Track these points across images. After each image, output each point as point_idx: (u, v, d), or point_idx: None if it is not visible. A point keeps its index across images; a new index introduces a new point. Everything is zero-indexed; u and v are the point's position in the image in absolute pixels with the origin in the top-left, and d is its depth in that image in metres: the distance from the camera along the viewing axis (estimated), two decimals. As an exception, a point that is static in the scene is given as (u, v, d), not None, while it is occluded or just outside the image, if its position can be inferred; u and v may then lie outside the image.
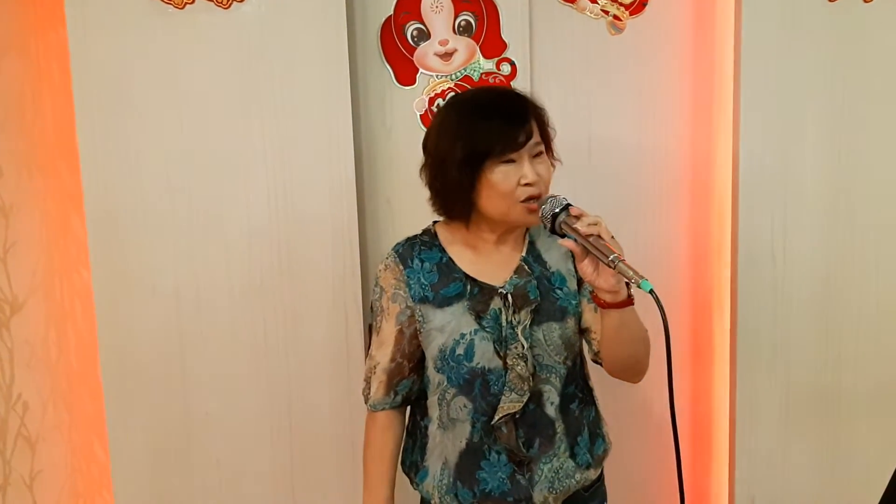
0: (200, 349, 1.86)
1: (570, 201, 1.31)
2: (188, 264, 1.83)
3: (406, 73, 1.90)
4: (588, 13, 1.94)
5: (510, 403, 1.38)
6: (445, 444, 1.44)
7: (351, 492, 1.90)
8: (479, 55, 1.90)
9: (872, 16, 1.86)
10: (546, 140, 1.39)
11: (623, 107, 1.98)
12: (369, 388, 1.48)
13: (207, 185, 1.81)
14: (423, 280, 1.41)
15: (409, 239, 1.47)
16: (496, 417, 1.38)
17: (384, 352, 1.45)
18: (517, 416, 1.39)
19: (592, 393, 1.52)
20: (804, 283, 1.94)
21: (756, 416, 1.97)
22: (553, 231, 1.31)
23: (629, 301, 1.29)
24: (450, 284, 1.41)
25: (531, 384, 1.38)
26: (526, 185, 1.32)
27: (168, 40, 1.77)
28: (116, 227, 1.81)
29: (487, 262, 1.42)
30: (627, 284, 1.27)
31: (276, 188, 1.82)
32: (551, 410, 1.41)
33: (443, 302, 1.40)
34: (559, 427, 1.42)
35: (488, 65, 1.90)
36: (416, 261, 1.43)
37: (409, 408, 1.53)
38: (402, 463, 1.53)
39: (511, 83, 1.90)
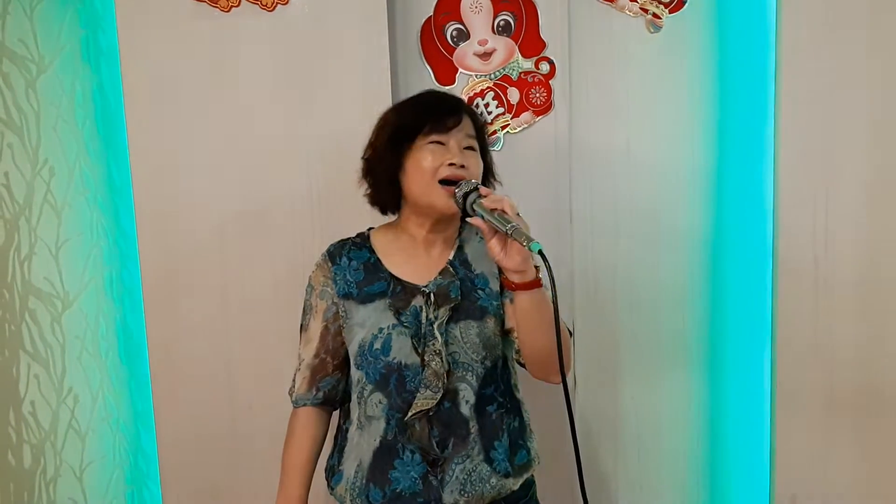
0: (245, 343, 1.90)
1: (479, 183, 1.35)
2: (234, 260, 1.87)
3: (446, 73, 1.92)
4: (627, 11, 1.94)
5: (424, 400, 1.37)
6: (361, 444, 1.43)
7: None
8: (518, 54, 1.92)
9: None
10: (483, 146, 1.44)
11: (662, 105, 1.98)
12: (294, 384, 1.51)
13: (252, 182, 1.85)
14: (348, 277, 1.44)
15: (341, 240, 1.51)
16: (410, 413, 1.38)
17: (309, 348, 1.47)
18: (432, 413, 1.38)
19: (520, 406, 1.50)
20: (846, 280, 1.92)
21: (797, 414, 1.96)
22: (464, 213, 1.33)
23: (537, 282, 1.30)
24: (374, 283, 1.43)
25: (445, 381, 1.38)
26: (451, 164, 1.36)
27: (214, 42, 1.81)
28: (164, 223, 1.86)
29: (415, 263, 1.45)
30: (537, 268, 1.31)
31: (318, 187, 1.86)
32: (466, 409, 1.40)
33: (365, 298, 1.42)
34: (473, 427, 1.40)
35: (527, 64, 1.92)
36: (345, 259, 1.46)
37: (337, 412, 1.54)
38: (325, 469, 1.53)
39: (550, 82, 1.91)
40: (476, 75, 1.92)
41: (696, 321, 2.08)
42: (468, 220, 1.32)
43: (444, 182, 1.36)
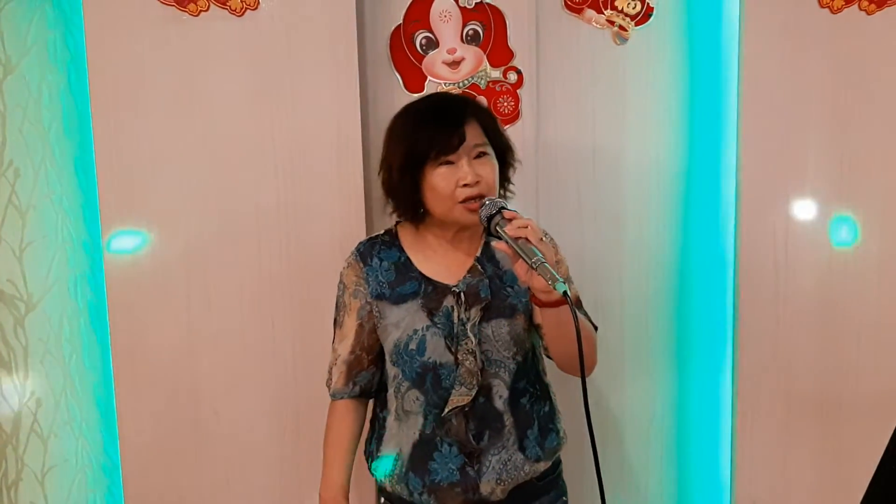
0: (210, 349, 1.89)
1: (505, 205, 1.36)
2: (200, 265, 1.86)
3: (415, 81, 1.94)
4: (593, 23, 1.97)
5: (459, 397, 1.44)
6: (400, 435, 1.50)
7: (357, 491, 1.93)
8: (486, 64, 1.93)
9: (875, 28, 1.89)
10: (495, 141, 1.46)
11: (627, 115, 2.01)
12: (331, 378, 1.57)
13: (218, 187, 1.85)
14: (380, 278, 1.49)
15: (370, 238, 1.56)
16: (446, 410, 1.44)
17: (345, 345, 1.53)
18: (467, 408, 1.44)
19: (548, 389, 1.57)
20: (805, 291, 1.96)
21: (757, 422, 1.99)
22: (489, 233, 1.36)
23: (562, 301, 1.30)
24: (406, 283, 1.48)
25: (480, 378, 1.44)
26: (465, 185, 1.39)
27: (183, 46, 1.81)
28: (129, 227, 1.85)
29: (443, 261, 1.49)
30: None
31: (286, 193, 1.86)
32: (500, 404, 1.47)
33: (398, 299, 1.47)
34: (508, 420, 1.47)
35: (495, 73, 1.94)
36: (376, 259, 1.51)
37: (372, 400, 1.60)
38: (364, 450, 1.59)
39: (518, 91, 1.93)
40: (445, 83, 1.94)
41: (660, 327, 2.11)
42: (492, 244, 1.35)
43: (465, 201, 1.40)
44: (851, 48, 1.89)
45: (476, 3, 1.90)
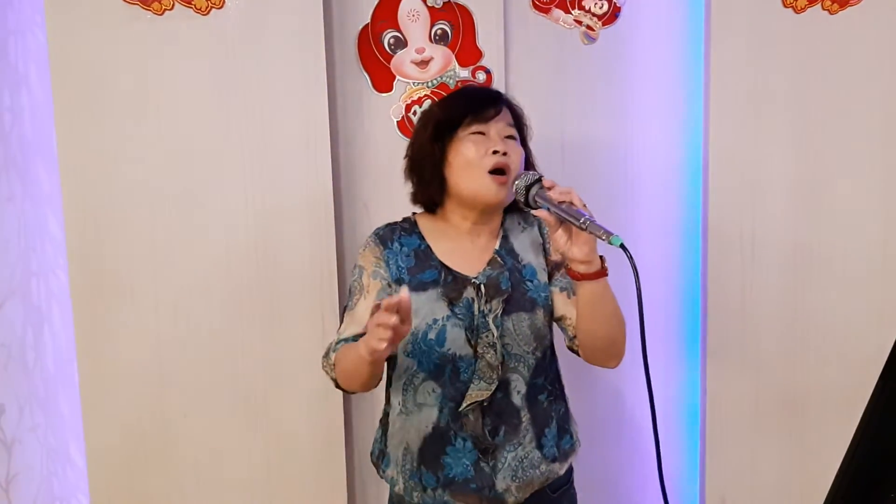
0: (177, 351, 1.87)
1: (542, 175, 1.36)
2: (166, 267, 1.84)
3: (383, 80, 1.93)
4: (562, 23, 1.98)
5: (478, 392, 1.40)
6: (408, 429, 1.46)
7: (328, 492, 1.93)
8: (454, 63, 1.93)
9: (836, 27, 1.92)
10: (521, 135, 1.47)
11: (595, 113, 2.02)
12: (328, 358, 1.44)
13: (185, 189, 1.83)
14: (400, 263, 1.45)
15: (388, 224, 1.51)
16: (464, 404, 1.41)
17: (352, 329, 1.43)
18: (485, 403, 1.41)
19: (564, 391, 1.55)
20: (772, 286, 1.98)
21: (726, 417, 2.01)
22: (527, 205, 1.34)
23: (603, 272, 1.30)
24: (426, 271, 1.44)
25: (499, 373, 1.41)
26: (494, 152, 1.38)
27: (147, 46, 1.79)
28: (94, 229, 1.82)
29: (463, 252, 1.46)
30: (601, 257, 1.30)
31: (253, 193, 1.84)
32: (518, 399, 1.44)
33: (418, 286, 1.42)
34: (525, 416, 1.44)
35: (464, 73, 1.94)
36: (396, 244, 1.46)
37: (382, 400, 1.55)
38: (372, 453, 1.56)
39: (486, 91, 1.93)
40: (413, 83, 1.94)
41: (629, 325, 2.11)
42: (533, 212, 1.33)
43: (493, 172, 1.38)
44: (815, 47, 1.92)
45: (444, 3, 1.90)
